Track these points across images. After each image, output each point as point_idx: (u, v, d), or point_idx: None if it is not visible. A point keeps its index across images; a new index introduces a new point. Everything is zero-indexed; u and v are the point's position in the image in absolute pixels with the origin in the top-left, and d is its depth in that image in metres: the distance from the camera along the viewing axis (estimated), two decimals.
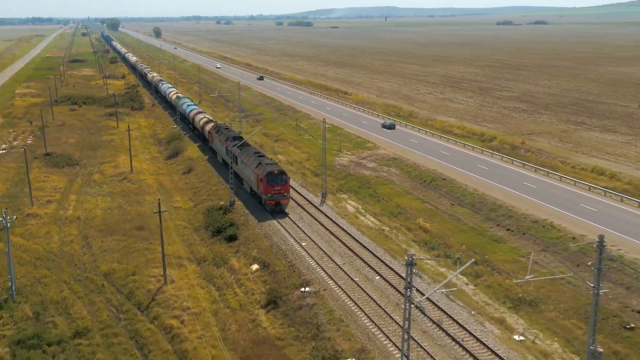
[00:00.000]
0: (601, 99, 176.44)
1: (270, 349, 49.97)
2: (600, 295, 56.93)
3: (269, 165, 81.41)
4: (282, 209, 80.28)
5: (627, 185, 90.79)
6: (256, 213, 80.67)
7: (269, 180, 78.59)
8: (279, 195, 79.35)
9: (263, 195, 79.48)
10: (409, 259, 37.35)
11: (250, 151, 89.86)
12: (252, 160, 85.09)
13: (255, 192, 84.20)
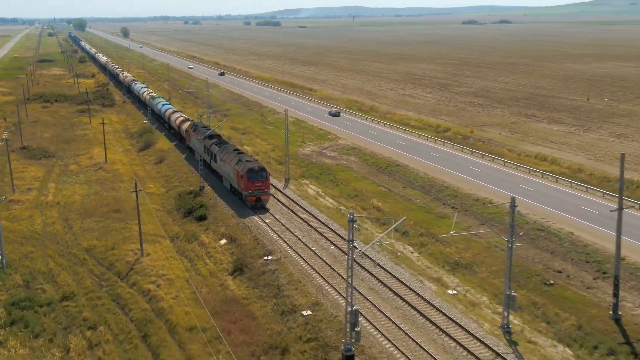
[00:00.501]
0: (553, 94, 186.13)
1: (237, 306, 57.05)
2: (526, 257, 65.40)
3: (249, 162, 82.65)
4: (263, 204, 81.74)
5: (565, 169, 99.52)
6: (224, 196, 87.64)
7: (250, 176, 79.79)
8: (259, 191, 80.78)
9: (244, 191, 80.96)
10: (350, 216, 44.78)
11: (229, 149, 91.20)
12: (232, 158, 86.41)
13: (235, 189, 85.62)
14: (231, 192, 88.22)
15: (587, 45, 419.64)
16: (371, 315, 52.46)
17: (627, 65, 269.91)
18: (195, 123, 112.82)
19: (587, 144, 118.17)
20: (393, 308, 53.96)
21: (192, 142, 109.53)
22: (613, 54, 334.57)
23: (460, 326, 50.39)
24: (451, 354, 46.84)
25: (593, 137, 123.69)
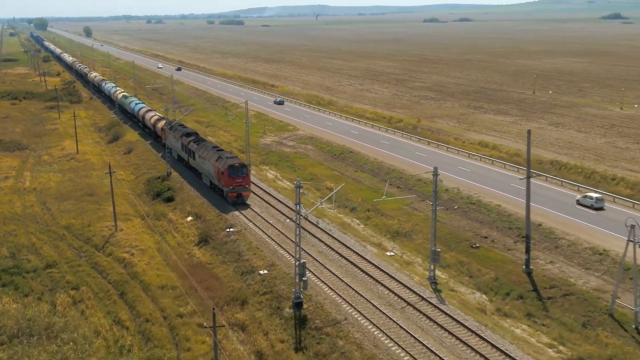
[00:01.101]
0: (502, 88, 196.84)
1: (202, 269, 64.98)
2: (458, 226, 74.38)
3: (229, 158, 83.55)
4: (244, 200, 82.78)
5: (504, 154, 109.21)
6: (189, 180, 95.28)
7: (230, 173, 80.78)
8: (240, 187, 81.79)
9: (225, 187, 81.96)
10: (297, 183, 53.06)
11: (208, 146, 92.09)
12: (212, 155, 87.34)
13: (215, 185, 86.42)
14: (211, 189, 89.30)
15: (541, 42, 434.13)
16: (319, 272, 60.87)
17: (576, 61, 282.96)
18: (171, 121, 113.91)
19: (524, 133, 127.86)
20: (338, 266, 62.43)
21: (168, 141, 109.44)
22: (565, 50, 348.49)
23: (394, 279, 59.03)
24: (384, 299, 55.44)
25: (533, 126, 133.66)
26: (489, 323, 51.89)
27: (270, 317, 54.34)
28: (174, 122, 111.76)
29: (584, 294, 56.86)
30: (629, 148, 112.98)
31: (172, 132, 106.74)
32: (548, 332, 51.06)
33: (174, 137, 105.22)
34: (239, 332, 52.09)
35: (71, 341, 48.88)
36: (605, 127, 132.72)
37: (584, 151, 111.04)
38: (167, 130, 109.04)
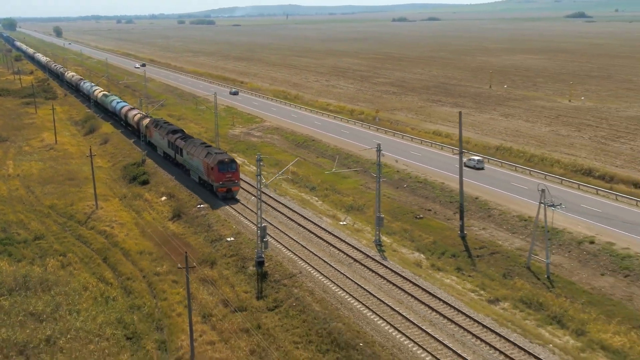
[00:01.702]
0: (461, 83, 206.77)
1: (176, 239, 72.98)
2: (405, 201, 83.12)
3: (218, 154, 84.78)
4: (234, 195, 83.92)
5: (455, 141, 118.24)
6: (163, 165, 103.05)
7: (220, 168, 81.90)
8: (230, 182, 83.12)
9: (215, 182, 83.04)
10: (258, 156, 61.42)
11: (196, 142, 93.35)
12: (200, 151, 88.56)
13: (205, 181, 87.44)
14: (199, 185, 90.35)
15: (505, 40, 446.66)
16: (279, 237, 69.35)
17: (534, 58, 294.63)
18: (156, 119, 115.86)
19: (479, 122, 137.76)
20: (295, 233, 70.97)
21: (153, 138, 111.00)
22: (525, 48, 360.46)
23: (345, 242, 67.73)
24: (335, 257, 64.06)
25: (485, 117, 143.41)
26: (423, 274, 60.74)
27: (236, 274, 62.64)
28: (160, 120, 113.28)
29: (508, 253, 66.01)
30: (569, 135, 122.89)
31: (157, 129, 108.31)
32: (472, 281, 60.03)
33: (160, 135, 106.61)
34: (208, 286, 60.24)
35: (63, 293, 56.62)
36: (551, 117, 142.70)
37: (528, 138, 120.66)
38: (152, 128, 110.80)
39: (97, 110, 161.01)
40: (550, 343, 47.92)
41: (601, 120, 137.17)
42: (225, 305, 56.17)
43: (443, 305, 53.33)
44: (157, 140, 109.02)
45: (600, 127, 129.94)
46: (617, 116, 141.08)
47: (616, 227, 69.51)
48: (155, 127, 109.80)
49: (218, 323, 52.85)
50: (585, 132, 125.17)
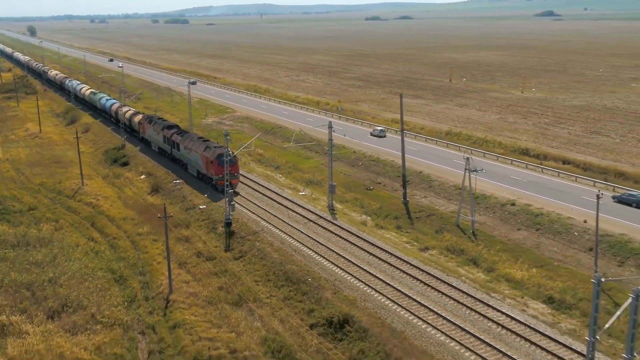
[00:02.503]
0: (424, 77, 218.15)
1: (154, 209, 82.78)
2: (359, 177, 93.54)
3: (217, 148, 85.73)
4: (233, 188, 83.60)
5: (412, 128, 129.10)
6: (142, 150, 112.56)
7: (220, 161, 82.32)
8: (229, 175, 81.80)
9: (214, 176, 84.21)
10: (225, 132, 71.56)
11: (193, 137, 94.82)
12: (198, 145, 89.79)
13: (203, 175, 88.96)
14: (198, 179, 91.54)
15: (473, 37, 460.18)
16: (245, 204, 79.63)
17: (497, 54, 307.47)
18: (149, 115, 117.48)
19: (435, 112, 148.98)
20: (260, 201, 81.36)
21: (147, 134, 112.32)
22: (490, 45, 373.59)
23: (302, 207, 78.18)
24: (293, 218, 74.51)
25: (441, 107, 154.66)
26: (367, 230, 71.37)
27: (207, 233, 72.79)
28: (153, 116, 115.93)
29: (442, 215, 76.86)
30: (516, 122, 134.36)
31: (151, 125, 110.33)
32: (409, 235, 70.75)
33: (154, 130, 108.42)
34: (184, 242, 70.27)
35: (58, 248, 66.33)
36: (502, 107, 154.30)
37: (477, 125, 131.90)
38: (146, 124, 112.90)
39: (77, 104, 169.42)
40: (464, 277, 58.69)
41: (547, 109, 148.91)
42: (198, 256, 66.26)
43: (380, 251, 64.00)
44: (152, 136, 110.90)
45: (545, 114, 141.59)
46: (563, 105, 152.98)
47: (536, 192, 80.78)
48: (149, 123, 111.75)
49: (192, 268, 63.01)
50: (531, 119, 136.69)
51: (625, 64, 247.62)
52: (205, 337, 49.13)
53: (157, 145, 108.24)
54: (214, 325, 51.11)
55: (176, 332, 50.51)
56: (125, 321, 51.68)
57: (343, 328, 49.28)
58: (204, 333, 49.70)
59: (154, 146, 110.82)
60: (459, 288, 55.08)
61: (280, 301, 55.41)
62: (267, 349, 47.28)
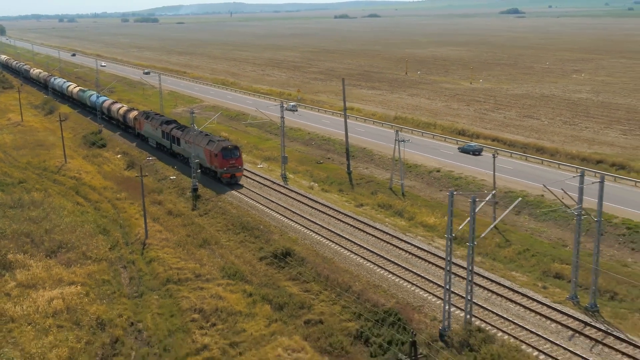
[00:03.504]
0: (383, 71, 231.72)
1: (130, 181, 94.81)
2: (312, 153, 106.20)
3: (221, 141, 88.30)
4: (237, 180, 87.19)
5: (364, 114, 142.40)
6: (118, 134, 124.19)
7: (224, 155, 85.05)
8: (233, 168, 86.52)
9: (219, 169, 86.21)
10: (191, 110, 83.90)
11: (195, 131, 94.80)
12: (201, 139, 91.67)
13: (207, 168, 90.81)
14: (201, 172, 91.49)
15: (437, 34, 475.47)
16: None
17: (455, 49, 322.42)
18: (145, 112, 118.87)
19: (388, 100, 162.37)
20: None
21: (144, 130, 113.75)
22: (451, 41, 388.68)
23: (259, 176, 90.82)
24: (251, 184, 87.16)
25: (394, 97, 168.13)
26: (313, 192, 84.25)
27: (177, 197, 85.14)
28: (150, 112, 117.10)
29: (379, 181, 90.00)
30: (459, 108, 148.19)
31: (148, 121, 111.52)
32: (348, 196, 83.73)
33: (152, 126, 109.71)
34: (157, 205, 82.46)
35: (50, 208, 78.19)
36: (449, 96, 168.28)
37: (424, 111, 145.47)
38: (142, 120, 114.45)
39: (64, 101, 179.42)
40: (388, 223, 71.83)
41: (490, 97, 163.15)
42: (169, 214, 78.61)
43: (321, 206, 76.97)
44: (149, 132, 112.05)
45: (486, 102, 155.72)
46: (505, 94, 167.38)
47: (460, 162, 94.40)
48: (146, 119, 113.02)
49: (164, 222, 75.36)
50: (473, 106, 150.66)
51: (573, 57, 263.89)
52: (175, 267, 61.56)
53: (155, 141, 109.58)
54: (182, 259, 63.58)
55: (152, 265, 62.90)
56: (110, 258, 63.96)
57: (286, 258, 62.04)
58: (174, 265, 62.12)
59: (152, 141, 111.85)
60: (382, 230, 68.18)
61: (236, 243, 68.10)
62: (225, 274, 59.85)
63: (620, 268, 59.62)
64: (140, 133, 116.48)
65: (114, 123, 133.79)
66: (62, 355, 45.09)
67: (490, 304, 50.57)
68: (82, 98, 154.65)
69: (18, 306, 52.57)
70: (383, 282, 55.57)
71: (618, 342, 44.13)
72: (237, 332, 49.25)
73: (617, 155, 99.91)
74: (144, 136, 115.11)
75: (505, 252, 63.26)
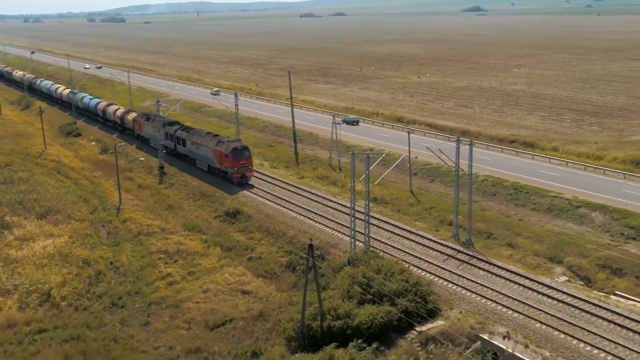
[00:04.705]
0: (340, 67, 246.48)
1: (104, 162, 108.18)
2: (266, 138, 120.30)
3: (231, 142, 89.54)
4: (248, 180, 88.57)
5: (317, 105, 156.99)
6: (92, 124, 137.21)
7: (235, 155, 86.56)
8: (244, 168, 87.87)
9: (229, 169, 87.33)
10: (157, 100, 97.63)
11: (201, 132, 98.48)
12: (209, 140, 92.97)
13: (215, 169, 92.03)
14: (209, 173, 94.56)
15: (398, 32, 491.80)
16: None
17: (412, 47, 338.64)
18: (145, 113, 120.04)
19: (340, 93, 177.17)
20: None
21: (145, 131, 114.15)
22: (411, 39, 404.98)
23: None
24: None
25: (346, 90, 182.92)
26: (263, 169, 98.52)
27: (146, 174, 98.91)
28: (150, 114, 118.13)
29: (321, 159, 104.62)
30: (404, 100, 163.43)
31: (149, 122, 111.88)
32: (293, 171, 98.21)
33: (154, 128, 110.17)
34: (129, 180, 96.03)
35: (36, 183, 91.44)
36: (397, 89, 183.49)
37: (371, 102, 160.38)
38: (143, 122, 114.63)
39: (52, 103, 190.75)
40: (324, 190, 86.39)
41: (433, 90, 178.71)
42: (139, 187, 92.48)
43: (268, 177, 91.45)
44: (150, 133, 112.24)
45: (429, 94, 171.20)
46: (448, 87, 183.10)
47: (393, 143, 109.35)
48: (147, 120, 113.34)
49: (135, 193, 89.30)
50: (416, 97, 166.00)
51: (520, 53, 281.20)
52: (145, 224, 75.58)
53: (157, 142, 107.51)
54: (150, 219, 77.60)
55: (125, 223, 76.83)
56: (91, 219, 77.74)
57: (236, 216, 76.32)
58: (144, 223, 76.11)
59: (153, 143, 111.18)
60: (317, 194, 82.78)
61: (196, 207, 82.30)
62: (185, 228, 74.05)
63: (504, 218, 74.98)
64: (140, 135, 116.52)
65: (109, 125, 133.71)
66: (57, 280, 58.77)
67: (390, 240, 65.55)
68: (73, 100, 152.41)
69: (19, 252, 66.08)
70: (311, 229, 70.19)
71: (479, 262, 59.15)
72: (194, 265, 63.50)
73: (530, 136, 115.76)
74: (144, 138, 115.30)
75: (414, 209, 78.34)
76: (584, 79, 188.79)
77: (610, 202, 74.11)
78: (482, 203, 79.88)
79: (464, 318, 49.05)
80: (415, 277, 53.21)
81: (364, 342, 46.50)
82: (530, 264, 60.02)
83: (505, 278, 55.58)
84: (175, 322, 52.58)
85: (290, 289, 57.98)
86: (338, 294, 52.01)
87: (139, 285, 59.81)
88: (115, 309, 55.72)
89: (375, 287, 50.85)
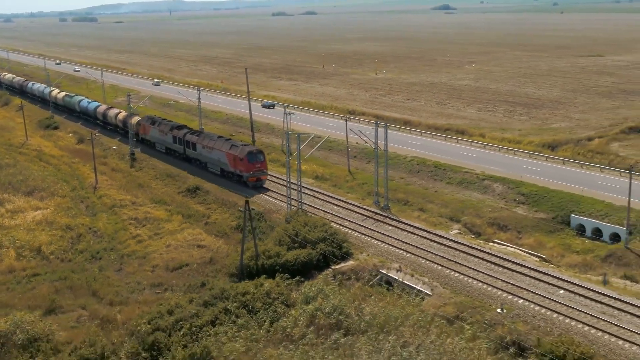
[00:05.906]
0: (304, 65, 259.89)
1: (81, 151, 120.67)
2: (227, 129, 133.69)
3: (245, 146, 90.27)
4: (262, 184, 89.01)
5: (278, 99, 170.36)
6: (69, 118, 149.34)
7: (250, 159, 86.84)
8: (259, 172, 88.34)
9: (245, 173, 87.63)
10: (128, 94, 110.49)
11: (213, 136, 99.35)
12: (222, 144, 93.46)
13: (229, 172, 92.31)
14: (222, 177, 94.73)
15: (365, 30, 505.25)
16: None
17: (376, 45, 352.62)
18: (150, 116, 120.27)
19: (300, 89, 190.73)
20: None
21: (150, 135, 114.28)
22: (376, 37, 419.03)
23: None
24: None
25: (307, 86, 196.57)
26: None
27: (119, 160, 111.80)
28: (155, 117, 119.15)
29: (275, 147, 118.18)
30: (358, 94, 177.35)
31: (155, 126, 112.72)
32: None
33: (160, 131, 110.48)
34: (104, 165, 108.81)
35: (21, 167, 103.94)
36: (353, 84, 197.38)
37: (327, 97, 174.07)
38: (147, 125, 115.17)
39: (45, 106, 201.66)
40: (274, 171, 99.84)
41: (387, 85, 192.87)
42: (113, 170, 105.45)
43: None
44: (156, 137, 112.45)
45: (382, 89, 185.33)
46: (400, 83, 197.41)
47: (338, 131, 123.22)
48: (152, 124, 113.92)
49: (109, 176, 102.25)
50: (369, 92, 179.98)
51: (476, 51, 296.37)
52: (118, 199, 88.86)
53: (165, 146, 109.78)
54: (123, 195, 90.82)
55: (101, 199, 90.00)
56: (71, 195, 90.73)
57: (196, 191, 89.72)
58: (117, 198, 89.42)
59: (159, 146, 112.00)
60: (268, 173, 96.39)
61: (162, 185, 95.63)
62: (153, 201, 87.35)
63: (422, 190, 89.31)
64: (145, 138, 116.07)
65: (109, 128, 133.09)
66: (46, 240, 71.85)
67: (322, 207, 79.54)
68: (70, 104, 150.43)
69: (12, 221, 78.98)
70: (259, 200, 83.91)
71: (391, 221, 73.36)
72: (160, 228, 76.97)
73: (464, 125, 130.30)
74: (150, 141, 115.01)
75: (349, 184, 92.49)
76: (528, 75, 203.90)
77: (510, 176, 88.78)
78: (407, 179, 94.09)
79: (369, 259, 63.15)
80: (334, 229, 67.22)
81: (289, 277, 60.18)
82: (432, 222, 74.41)
83: (407, 231, 69.88)
84: (143, 268, 66.10)
85: (237, 243, 71.54)
86: (272, 242, 65.81)
87: (113, 244, 73.08)
88: (94, 260, 69.04)
89: (301, 236, 64.69)
